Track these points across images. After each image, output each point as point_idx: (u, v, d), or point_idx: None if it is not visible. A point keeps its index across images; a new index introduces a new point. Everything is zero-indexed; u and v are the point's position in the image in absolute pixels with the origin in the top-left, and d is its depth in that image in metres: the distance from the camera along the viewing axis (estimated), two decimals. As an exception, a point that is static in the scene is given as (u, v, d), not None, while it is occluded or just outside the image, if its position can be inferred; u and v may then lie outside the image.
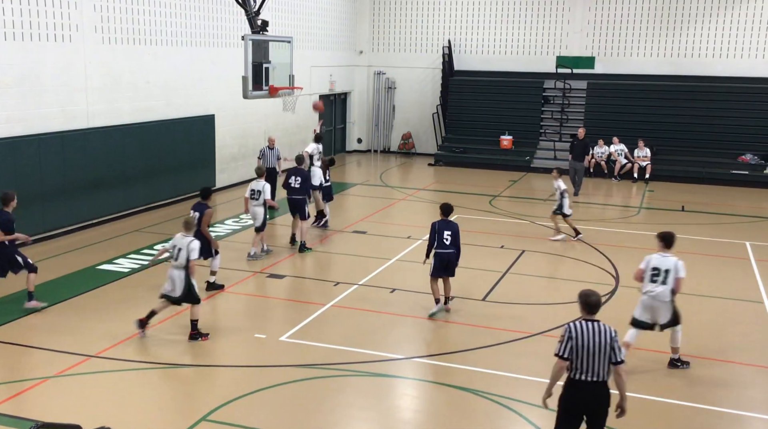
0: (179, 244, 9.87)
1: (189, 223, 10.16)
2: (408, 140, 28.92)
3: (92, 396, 8.34)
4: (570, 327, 6.52)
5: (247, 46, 14.15)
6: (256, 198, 13.70)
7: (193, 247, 9.77)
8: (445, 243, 11.00)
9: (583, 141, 21.32)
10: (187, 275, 9.86)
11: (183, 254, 9.79)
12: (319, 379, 8.89)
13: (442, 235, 11.02)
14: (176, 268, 9.88)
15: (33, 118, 14.25)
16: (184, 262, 9.79)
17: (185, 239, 9.87)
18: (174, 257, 9.90)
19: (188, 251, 9.74)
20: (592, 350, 6.38)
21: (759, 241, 16.14)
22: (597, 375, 6.40)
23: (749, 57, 24.88)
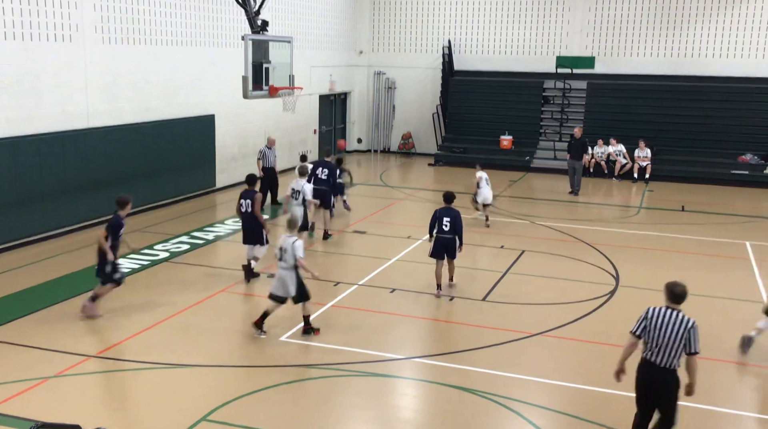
0: (284, 245, 10.00)
1: (293, 222, 10.31)
2: (408, 140, 28.92)
3: (92, 396, 8.34)
4: (648, 309, 6.98)
5: (247, 46, 14.15)
6: (296, 197, 13.98)
7: (297, 246, 9.91)
8: (444, 229, 11.81)
9: (581, 140, 21.34)
10: (297, 274, 10.03)
11: (290, 254, 9.92)
12: (319, 379, 8.89)
13: (441, 221, 11.84)
14: (285, 269, 10.01)
15: (33, 118, 14.24)
16: (292, 262, 9.94)
17: (289, 239, 10.00)
18: (281, 258, 10.03)
19: (294, 250, 9.88)
20: (665, 336, 6.75)
21: (759, 241, 16.15)
22: (667, 361, 6.77)
23: (749, 57, 24.88)
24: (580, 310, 11.48)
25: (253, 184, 12.81)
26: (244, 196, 12.60)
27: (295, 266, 9.99)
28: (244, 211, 12.56)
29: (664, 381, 6.81)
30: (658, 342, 6.79)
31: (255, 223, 12.51)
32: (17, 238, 14.05)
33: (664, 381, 6.81)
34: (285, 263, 10.00)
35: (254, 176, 12.89)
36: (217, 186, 20.13)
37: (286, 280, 10.02)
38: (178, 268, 13.21)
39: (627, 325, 10.92)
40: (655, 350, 6.81)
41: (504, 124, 26.40)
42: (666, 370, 6.78)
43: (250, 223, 12.54)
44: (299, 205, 14.01)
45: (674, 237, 16.35)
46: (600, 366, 9.53)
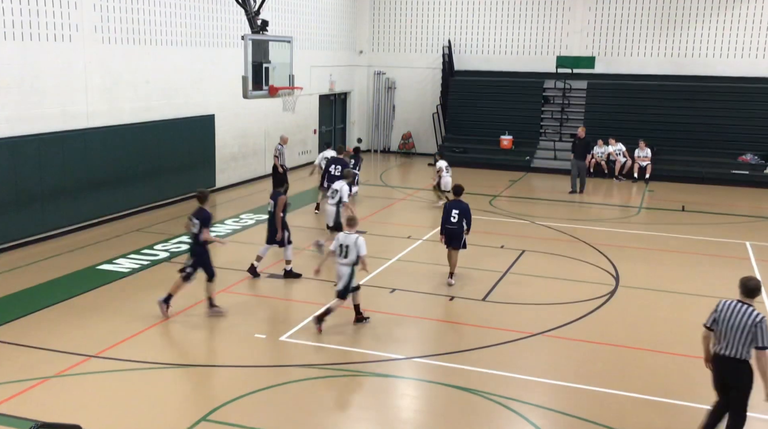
0: (346, 242, 10.29)
1: (352, 220, 10.66)
2: (408, 140, 28.92)
3: (92, 396, 8.34)
4: (719, 302, 7.31)
5: (247, 46, 14.15)
6: (332, 196, 14.12)
7: (361, 244, 10.27)
8: (452, 220, 12.42)
9: (585, 140, 21.39)
10: (351, 272, 10.33)
11: (353, 251, 10.24)
12: (319, 379, 8.89)
13: (450, 213, 12.45)
14: (345, 265, 10.32)
15: (33, 118, 14.24)
16: (354, 258, 10.26)
17: (351, 237, 10.32)
18: (343, 254, 10.30)
19: (357, 247, 10.23)
20: (731, 328, 7.04)
21: (759, 241, 16.14)
22: (736, 353, 7.05)
23: (749, 57, 24.88)
24: (580, 310, 11.48)
25: (280, 185, 12.97)
26: (271, 197, 12.70)
27: (355, 263, 10.32)
28: (268, 211, 12.71)
29: (736, 370, 7.09)
30: (726, 335, 7.08)
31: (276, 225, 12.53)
32: (17, 238, 14.05)
33: (736, 369, 7.09)
34: (347, 259, 10.31)
35: (284, 178, 12.95)
36: (217, 186, 20.13)
37: (343, 274, 10.39)
38: (178, 268, 13.19)
39: (627, 325, 10.98)
40: (724, 343, 7.11)
41: (504, 124, 26.40)
42: (736, 360, 7.06)
43: (271, 225, 12.58)
44: (333, 205, 14.07)
45: (674, 237, 16.35)
46: (600, 366, 9.54)
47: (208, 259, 10.80)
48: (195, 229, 10.69)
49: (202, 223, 10.63)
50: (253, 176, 22.00)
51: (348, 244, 10.30)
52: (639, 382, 9.01)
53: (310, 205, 18.74)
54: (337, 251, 10.39)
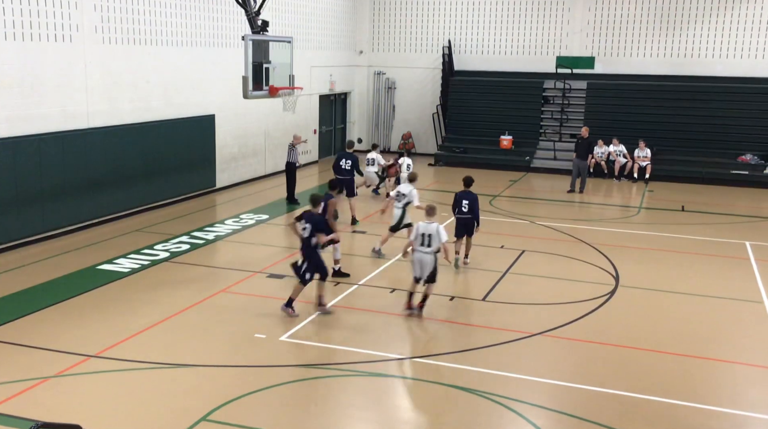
0: (428, 231, 10.73)
1: (432, 209, 11.04)
2: (408, 140, 28.91)
3: (92, 396, 8.34)
4: None
5: (247, 46, 14.15)
6: (400, 200, 14.25)
7: (442, 231, 10.76)
8: (463, 210, 13.29)
9: (587, 140, 21.40)
10: (435, 259, 10.78)
11: (435, 239, 10.70)
12: (319, 379, 8.89)
13: (460, 203, 13.30)
14: (428, 253, 10.76)
15: (33, 118, 14.24)
16: (437, 246, 10.70)
17: (432, 225, 10.76)
18: (426, 243, 10.73)
19: (439, 235, 10.69)
20: None
21: (759, 241, 16.15)
22: None
23: (749, 57, 24.88)
24: (580, 310, 11.48)
25: (333, 187, 12.93)
26: (324, 198, 12.55)
27: (437, 250, 10.73)
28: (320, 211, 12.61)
29: None
30: None
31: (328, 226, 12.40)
32: (17, 238, 14.05)
33: None
34: (429, 248, 10.74)
35: (335, 181, 12.97)
36: (217, 186, 20.13)
37: (426, 264, 10.75)
38: (178, 268, 13.21)
39: (627, 325, 10.98)
40: None
41: (504, 124, 26.39)
42: None
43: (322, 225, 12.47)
44: (400, 208, 14.19)
45: (674, 237, 16.35)
46: (600, 366, 9.55)
47: (320, 261, 10.86)
48: (306, 232, 10.74)
49: (314, 227, 10.71)
50: (254, 176, 22.01)
51: (431, 233, 10.72)
52: (639, 382, 9.01)
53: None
54: (419, 241, 10.77)
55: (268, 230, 16.26)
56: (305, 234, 10.77)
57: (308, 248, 10.80)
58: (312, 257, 10.80)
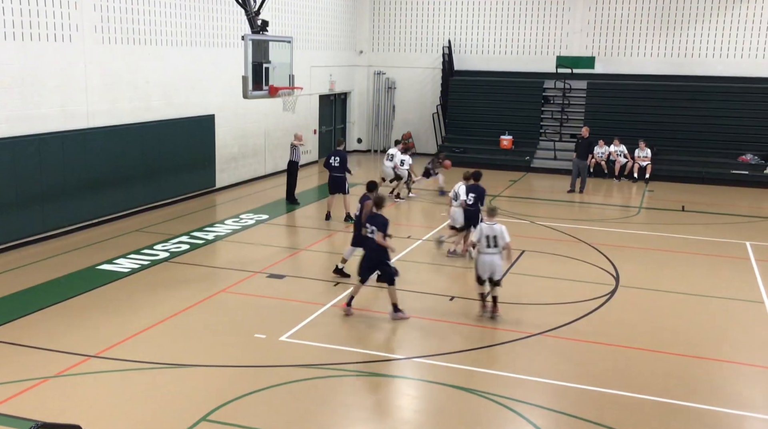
0: (492, 232, 10.72)
1: (494, 209, 11.09)
2: (408, 140, 28.89)
3: (92, 396, 8.34)
4: None
5: (247, 46, 14.15)
6: (456, 199, 14.44)
7: (505, 231, 10.76)
8: (469, 202, 13.80)
9: (588, 139, 21.40)
10: (501, 259, 10.85)
11: (500, 239, 10.71)
12: (319, 379, 8.89)
13: (467, 196, 13.86)
14: (494, 254, 10.78)
15: (33, 118, 14.24)
16: (501, 247, 10.72)
17: (496, 226, 10.75)
18: (490, 245, 10.73)
19: (503, 235, 10.70)
20: None
21: (759, 241, 16.15)
22: None
23: (749, 57, 24.88)
24: (580, 310, 11.48)
25: (371, 190, 12.68)
26: (360, 200, 12.56)
27: (501, 251, 10.81)
28: (355, 214, 12.71)
29: None
30: None
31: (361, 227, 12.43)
32: (17, 238, 14.05)
33: None
34: (495, 249, 10.76)
35: (375, 183, 12.87)
36: (217, 186, 20.13)
37: (495, 265, 10.80)
38: (178, 268, 13.21)
39: (627, 325, 10.99)
40: None
41: (504, 124, 26.40)
42: None
43: (358, 227, 12.40)
44: (458, 207, 14.38)
45: (674, 237, 16.35)
46: (600, 366, 9.54)
47: (386, 263, 10.84)
48: (371, 234, 10.77)
49: (378, 229, 10.73)
50: (253, 176, 22.01)
51: (495, 234, 10.70)
52: (639, 382, 9.01)
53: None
54: (484, 242, 10.75)
55: (268, 230, 16.26)
56: (370, 235, 10.83)
57: (370, 249, 10.83)
58: (376, 259, 10.80)
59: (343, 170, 16.78)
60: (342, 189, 16.82)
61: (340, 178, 16.78)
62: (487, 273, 10.91)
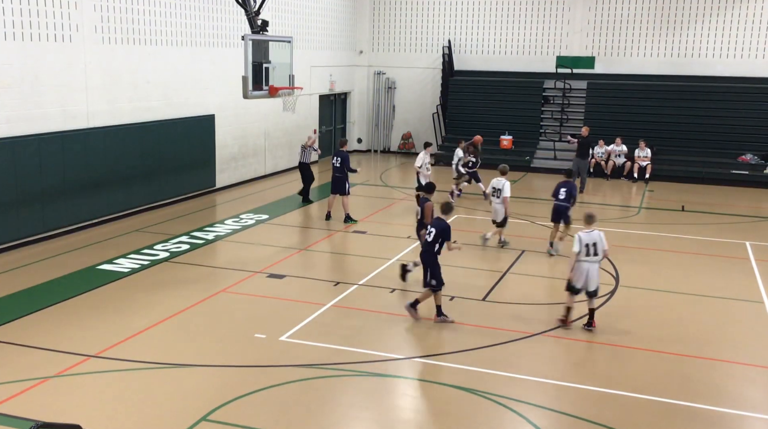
0: (591, 240, 10.48)
1: (591, 216, 10.80)
2: (408, 140, 28.92)
3: (92, 396, 8.34)
4: None
5: (247, 46, 14.15)
6: (497, 196, 14.71)
7: (602, 236, 10.55)
8: (560, 197, 14.45)
9: (587, 139, 21.42)
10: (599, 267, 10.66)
11: (600, 247, 10.48)
12: (319, 379, 8.89)
13: (559, 191, 14.47)
14: (593, 262, 10.52)
15: (33, 118, 14.24)
16: (602, 256, 10.52)
17: (594, 233, 10.54)
18: (592, 253, 10.48)
19: (602, 243, 10.49)
20: None
21: (759, 241, 16.14)
22: None
23: (749, 57, 24.88)
24: (580, 310, 11.47)
25: (429, 191, 12.62)
26: (419, 203, 12.52)
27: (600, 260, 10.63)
28: (418, 218, 12.57)
29: None
30: None
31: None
32: (17, 238, 14.05)
33: None
34: (595, 257, 10.49)
35: (432, 185, 12.82)
36: (217, 186, 20.13)
37: (593, 275, 10.51)
38: (178, 268, 13.21)
39: (627, 325, 10.98)
40: None
41: (504, 124, 26.40)
42: None
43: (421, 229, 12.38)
44: (500, 203, 14.64)
45: (674, 237, 16.35)
46: (600, 366, 9.54)
47: (437, 269, 10.76)
48: (429, 237, 10.72)
49: (439, 233, 10.64)
50: (254, 176, 22.01)
51: (595, 241, 10.47)
52: (639, 382, 9.01)
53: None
54: (584, 251, 10.43)
55: (268, 230, 16.26)
56: (429, 238, 10.72)
57: (429, 254, 10.72)
58: (431, 263, 10.70)
59: (343, 170, 16.67)
60: (341, 189, 16.73)
61: (339, 178, 16.71)
62: (582, 282, 10.51)
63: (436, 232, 10.65)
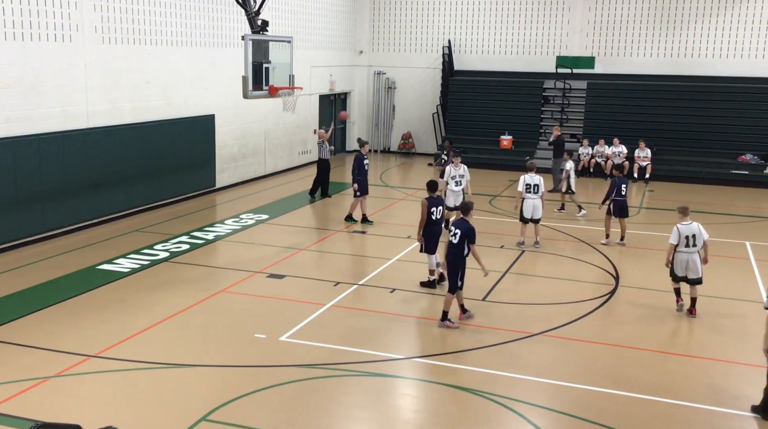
0: (690, 231, 11.10)
1: (685, 208, 11.39)
2: (408, 140, 28.92)
3: (92, 396, 8.34)
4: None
5: (247, 46, 14.15)
6: (535, 191, 14.84)
7: (701, 227, 11.20)
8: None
9: (561, 139, 21.54)
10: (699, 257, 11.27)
11: (699, 238, 11.15)
12: (319, 379, 8.89)
13: (620, 187, 15.18)
14: (692, 253, 11.18)
15: (33, 118, 14.24)
16: (701, 245, 11.20)
17: (693, 225, 11.15)
18: (689, 244, 11.11)
19: (701, 233, 11.17)
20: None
21: (759, 241, 16.14)
22: None
23: (749, 57, 24.88)
24: (580, 310, 11.48)
25: (436, 189, 12.41)
26: (435, 203, 12.05)
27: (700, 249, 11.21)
28: (435, 218, 12.03)
29: None
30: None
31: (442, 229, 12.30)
32: (17, 238, 14.05)
33: None
34: (694, 247, 11.16)
35: (436, 183, 12.66)
36: (217, 186, 20.13)
37: (693, 262, 11.18)
38: (178, 268, 13.21)
39: (627, 325, 10.99)
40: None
41: (504, 124, 26.40)
42: None
43: (440, 229, 12.22)
44: (538, 199, 14.87)
45: (674, 237, 16.31)
46: (600, 366, 9.54)
47: (464, 269, 10.74)
48: (455, 239, 10.65)
49: (464, 235, 10.56)
50: (254, 176, 22.00)
51: (694, 233, 11.07)
52: (639, 382, 9.01)
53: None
54: (683, 243, 11.08)
55: (268, 230, 16.26)
56: (454, 240, 10.64)
57: (457, 256, 10.63)
58: (458, 264, 10.64)
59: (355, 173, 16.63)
60: (358, 192, 16.57)
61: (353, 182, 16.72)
62: (683, 271, 11.20)
63: (461, 233, 10.56)
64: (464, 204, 11.15)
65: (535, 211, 15.07)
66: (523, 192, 15.05)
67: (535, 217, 15.11)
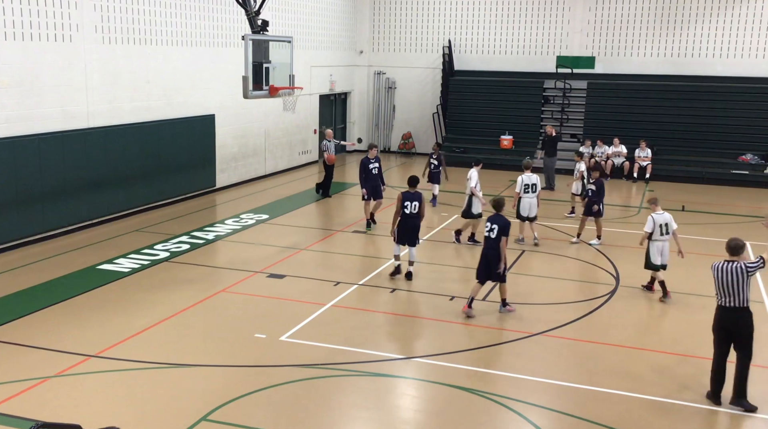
0: (664, 220, 11.87)
1: (655, 199, 12.31)
2: (408, 140, 28.92)
3: (92, 396, 8.34)
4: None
5: (247, 46, 14.15)
6: (533, 191, 14.97)
7: (671, 218, 11.97)
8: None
9: (554, 138, 21.51)
10: None
11: (671, 227, 11.93)
12: (319, 379, 8.89)
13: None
14: (665, 241, 12.03)
15: (33, 118, 14.24)
16: (671, 233, 12.01)
17: (665, 215, 11.95)
18: (663, 232, 11.93)
19: (671, 222, 11.91)
20: None
21: (759, 241, 16.11)
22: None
23: (749, 57, 24.88)
24: (580, 310, 11.48)
25: (415, 184, 12.80)
26: (411, 198, 12.51)
27: None
28: (409, 212, 12.55)
29: None
30: None
31: (418, 224, 12.71)
32: (17, 238, 14.05)
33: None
34: (667, 235, 11.99)
35: (417, 178, 12.93)
36: (217, 186, 20.13)
37: (667, 250, 12.08)
38: (178, 268, 13.21)
39: (627, 325, 10.98)
40: None
41: (504, 124, 26.40)
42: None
43: (414, 223, 12.63)
44: (534, 197, 15.02)
45: (674, 237, 16.31)
46: (600, 366, 9.54)
47: (492, 266, 10.99)
48: (492, 234, 10.92)
49: (501, 230, 10.88)
50: (254, 176, 22.01)
51: (667, 222, 11.97)
52: (639, 382, 9.01)
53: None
54: (658, 230, 11.92)
55: (268, 230, 16.26)
56: (492, 235, 10.95)
57: (494, 250, 10.95)
58: (498, 257, 10.93)
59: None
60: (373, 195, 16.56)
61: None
62: (660, 258, 11.99)
63: (498, 228, 10.92)
64: (496, 201, 11.47)
65: (531, 209, 15.18)
66: (521, 192, 15.17)
67: (530, 216, 15.22)
